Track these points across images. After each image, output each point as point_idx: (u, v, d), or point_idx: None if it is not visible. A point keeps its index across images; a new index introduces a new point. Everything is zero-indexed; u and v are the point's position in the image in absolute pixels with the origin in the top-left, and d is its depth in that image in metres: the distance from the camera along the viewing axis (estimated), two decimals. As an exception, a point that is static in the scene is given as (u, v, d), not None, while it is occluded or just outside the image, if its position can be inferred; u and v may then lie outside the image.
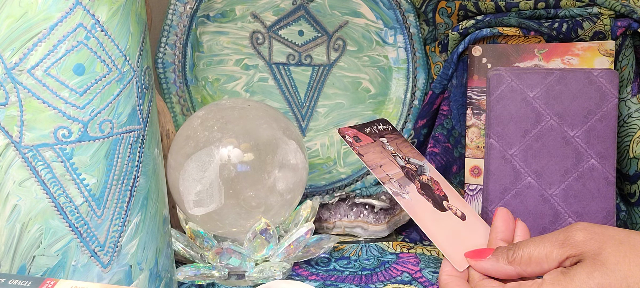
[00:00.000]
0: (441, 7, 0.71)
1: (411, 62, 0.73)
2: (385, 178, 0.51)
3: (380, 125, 0.57)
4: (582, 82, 0.59)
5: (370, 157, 0.53)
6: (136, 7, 0.41)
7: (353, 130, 0.55)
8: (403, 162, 0.53)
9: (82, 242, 0.40)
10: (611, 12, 0.63)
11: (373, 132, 0.55)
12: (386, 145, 0.54)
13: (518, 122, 0.60)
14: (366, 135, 0.55)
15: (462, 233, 0.51)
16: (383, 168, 0.52)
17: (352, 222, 0.66)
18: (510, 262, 0.44)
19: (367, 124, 0.57)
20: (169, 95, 0.69)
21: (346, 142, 0.53)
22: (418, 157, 0.56)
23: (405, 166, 0.53)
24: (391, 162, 0.53)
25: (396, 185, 0.52)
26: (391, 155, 0.53)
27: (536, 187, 0.60)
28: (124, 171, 0.41)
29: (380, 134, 0.56)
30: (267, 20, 0.71)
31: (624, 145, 0.64)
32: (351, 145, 0.53)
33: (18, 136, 0.38)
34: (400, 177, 0.52)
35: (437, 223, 0.51)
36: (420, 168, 0.54)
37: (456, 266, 0.48)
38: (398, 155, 0.54)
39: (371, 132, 0.55)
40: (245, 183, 0.55)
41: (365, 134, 0.55)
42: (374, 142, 0.54)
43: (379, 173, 0.52)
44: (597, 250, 0.41)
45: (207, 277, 0.55)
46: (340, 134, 0.54)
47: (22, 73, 0.37)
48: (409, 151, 0.56)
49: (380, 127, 0.56)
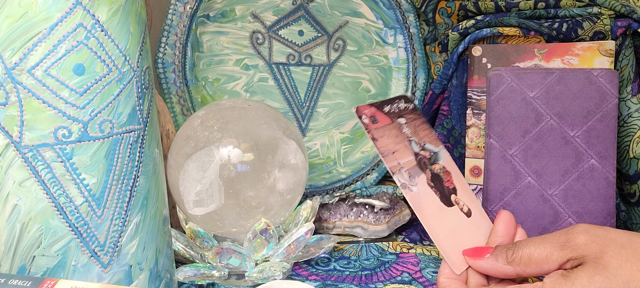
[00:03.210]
0: (441, 7, 0.71)
1: (411, 62, 0.73)
2: (395, 168, 0.50)
3: (402, 102, 0.53)
4: (582, 82, 0.59)
5: (385, 141, 0.51)
6: (136, 7, 0.41)
7: (372, 108, 0.52)
8: (418, 148, 0.51)
9: (82, 242, 0.40)
10: (611, 12, 0.63)
11: (392, 112, 0.52)
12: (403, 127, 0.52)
13: (518, 122, 0.60)
14: (385, 114, 0.52)
15: (464, 231, 0.50)
16: (395, 156, 0.50)
17: (352, 222, 0.66)
18: (509, 261, 0.44)
19: (388, 101, 0.53)
20: (169, 95, 0.69)
21: (361, 123, 0.51)
22: (435, 142, 0.53)
23: (419, 153, 0.51)
24: (405, 147, 0.51)
25: (406, 175, 0.50)
26: (406, 140, 0.51)
27: (536, 187, 0.60)
28: (124, 171, 0.41)
29: (399, 113, 0.53)
30: (267, 20, 0.71)
31: (624, 145, 0.64)
32: (366, 127, 0.51)
33: (18, 136, 0.38)
34: (412, 166, 0.50)
35: (441, 221, 0.49)
36: (434, 156, 0.52)
37: (454, 268, 0.47)
38: (414, 139, 0.52)
39: (390, 110, 0.52)
40: (245, 183, 0.55)
41: (384, 113, 0.52)
42: (391, 123, 0.52)
43: (390, 162, 0.50)
44: (598, 254, 0.40)
45: (207, 277, 0.55)
46: (357, 113, 0.51)
47: (22, 73, 0.37)
48: (426, 135, 0.53)
49: (401, 105, 0.53)
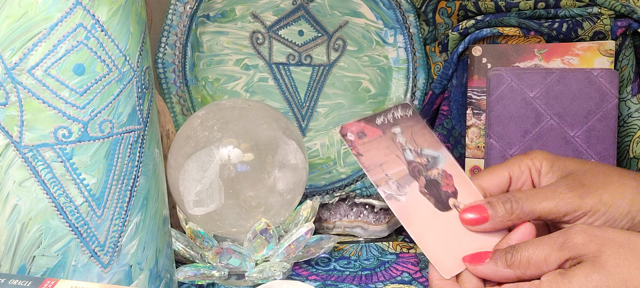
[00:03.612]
0: (441, 7, 0.71)
1: (411, 62, 0.73)
2: (381, 180, 0.49)
3: (399, 111, 0.53)
4: (582, 82, 0.59)
5: (371, 155, 0.50)
6: (136, 7, 0.41)
7: (360, 123, 0.51)
8: (413, 155, 0.51)
9: (82, 242, 0.40)
10: (611, 12, 0.63)
11: (386, 122, 0.52)
12: (397, 136, 0.51)
13: (518, 122, 0.60)
14: (376, 127, 0.52)
15: (462, 235, 0.48)
16: (383, 168, 0.50)
17: (352, 222, 0.66)
18: (508, 265, 0.44)
19: (383, 112, 0.53)
20: (169, 95, 0.69)
21: (346, 141, 0.51)
22: (435, 146, 0.52)
23: (413, 161, 0.51)
24: (396, 158, 0.50)
25: (394, 186, 0.49)
26: (399, 149, 0.51)
27: (536, 187, 0.60)
28: (124, 171, 0.41)
29: (394, 123, 0.52)
30: (267, 20, 0.71)
31: (624, 145, 0.64)
32: (351, 145, 0.50)
33: (18, 136, 0.38)
34: (402, 176, 0.50)
35: (431, 227, 0.48)
36: (432, 161, 0.51)
37: (442, 273, 0.46)
38: (409, 147, 0.51)
39: (384, 122, 0.52)
40: (245, 183, 0.55)
41: (376, 125, 0.52)
42: (382, 135, 0.51)
43: (376, 175, 0.49)
44: (596, 253, 0.40)
45: (207, 277, 0.55)
46: (341, 133, 0.51)
47: (22, 73, 0.37)
48: (424, 140, 0.52)
49: (398, 114, 0.53)
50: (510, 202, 0.47)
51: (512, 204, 0.47)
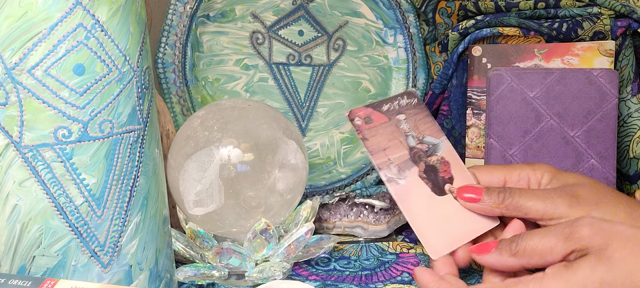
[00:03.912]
0: (441, 7, 0.71)
1: (411, 62, 0.73)
2: (383, 164, 0.53)
3: (404, 99, 0.57)
4: (582, 82, 0.59)
5: (376, 140, 0.54)
6: (136, 7, 0.41)
7: (367, 109, 0.55)
8: (415, 141, 0.54)
9: (82, 242, 0.40)
10: (611, 12, 0.63)
11: (391, 110, 0.56)
12: (401, 123, 0.55)
13: (518, 122, 0.60)
14: (382, 113, 0.55)
15: (455, 219, 0.51)
16: (386, 152, 0.53)
17: (352, 222, 0.66)
18: (513, 254, 0.44)
19: (389, 99, 0.57)
20: (169, 95, 0.69)
21: (353, 125, 0.54)
22: (436, 134, 0.56)
23: (415, 147, 0.54)
24: (400, 143, 0.54)
25: (394, 170, 0.53)
26: (403, 135, 0.54)
27: (536, 187, 0.60)
28: (124, 171, 0.41)
29: (399, 110, 0.56)
30: (267, 20, 0.71)
31: (624, 145, 0.64)
32: (358, 129, 0.54)
33: (18, 136, 0.38)
34: (403, 161, 0.53)
35: (426, 209, 0.51)
36: (432, 148, 0.55)
37: (430, 253, 0.48)
38: (412, 134, 0.54)
39: (389, 109, 0.56)
40: (245, 183, 0.55)
41: (382, 111, 0.55)
42: (387, 121, 0.55)
43: (379, 158, 0.53)
44: (602, 246, 0.40)
45: (207, 277, 0.55)
46: (350, 117, 0.55)
47: (22, 73, 0.38)
48: (427, 128, 0.56)
49: (403, 101, 0.56)
50: (503, 192, 0.50)
51: (505, 194, 0.49)
